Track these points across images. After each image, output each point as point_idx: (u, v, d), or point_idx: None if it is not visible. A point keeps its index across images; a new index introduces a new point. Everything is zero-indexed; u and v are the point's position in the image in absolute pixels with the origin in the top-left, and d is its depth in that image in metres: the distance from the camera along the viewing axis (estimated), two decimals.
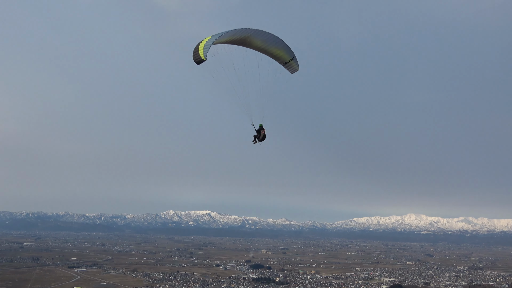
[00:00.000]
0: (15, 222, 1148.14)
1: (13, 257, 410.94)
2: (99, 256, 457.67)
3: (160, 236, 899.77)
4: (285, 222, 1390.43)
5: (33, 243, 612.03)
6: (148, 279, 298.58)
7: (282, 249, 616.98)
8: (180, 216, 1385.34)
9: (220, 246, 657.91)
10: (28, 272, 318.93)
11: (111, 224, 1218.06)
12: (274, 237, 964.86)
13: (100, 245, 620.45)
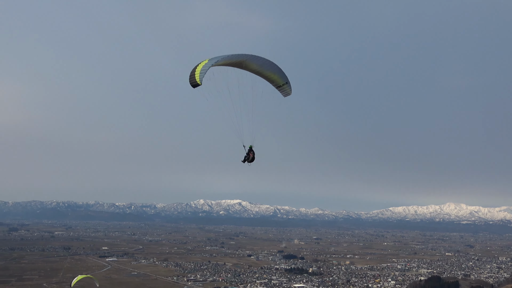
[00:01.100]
0: (45, 211, 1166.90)
1: (44, 246, 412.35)
2: (130, 245, 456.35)
3: (191, 226, 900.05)
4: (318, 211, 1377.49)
5: (64, 232, 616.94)
6: (179, 269, 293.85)
7: (315, 239, 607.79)
8: (210, 205, 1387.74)
9: (251, 236, 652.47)
10: (60, 261, 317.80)
11: (141, 214, 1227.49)
12: (307, 227, 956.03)
13: (131, 234, 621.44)
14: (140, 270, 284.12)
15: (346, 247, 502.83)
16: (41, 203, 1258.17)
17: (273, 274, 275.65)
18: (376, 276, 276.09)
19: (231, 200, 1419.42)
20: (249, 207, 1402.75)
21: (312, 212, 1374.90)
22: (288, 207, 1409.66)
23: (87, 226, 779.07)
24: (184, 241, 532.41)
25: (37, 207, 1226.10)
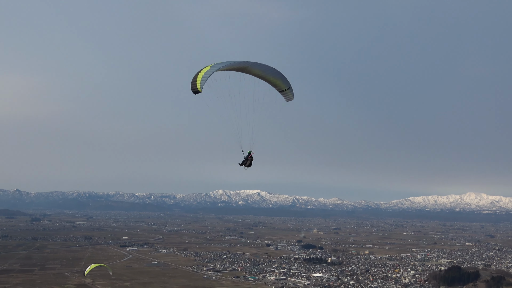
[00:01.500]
0: (67, 201, 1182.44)
1: (66, 236, 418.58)
2: (150, 235, 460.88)
3: (210, 216, 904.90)
4: (337, 201, 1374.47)
5: (85, 222, 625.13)
6: (199, 259, 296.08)
7: (334, 229, 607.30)
8: (229, 195, 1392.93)
9: (270, 226, 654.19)
10: (81, 251, 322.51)
11: (161, 204, 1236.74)
12: (325, 217, 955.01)
13: (151, 224, 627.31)
14: (160, 260, 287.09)
15: (365, 237, 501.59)
16: (62, 193, 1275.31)
17: (292, 264, 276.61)
18: (396, 266, 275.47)
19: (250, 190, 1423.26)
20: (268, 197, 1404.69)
21: (331, 202, 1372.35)
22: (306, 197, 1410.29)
23: (108, 216, 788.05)
24: (204, 231, 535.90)
25: (58, 198, 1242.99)
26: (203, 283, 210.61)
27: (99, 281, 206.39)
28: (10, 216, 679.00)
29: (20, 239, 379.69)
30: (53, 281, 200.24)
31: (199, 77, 37.80)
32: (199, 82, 37.62)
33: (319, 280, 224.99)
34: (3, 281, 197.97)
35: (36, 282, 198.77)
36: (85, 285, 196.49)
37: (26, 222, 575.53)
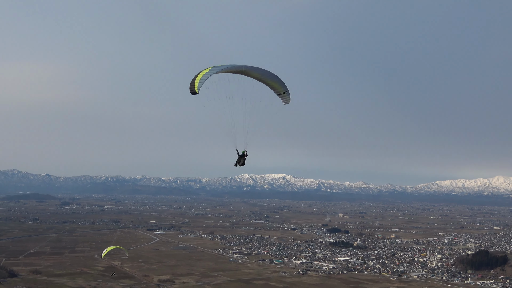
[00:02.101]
0: (95, 185, 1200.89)
1: (94, 219, 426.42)
2: (176, 219, 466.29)
3: (235, 200, 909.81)
4: (362, 185, 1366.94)
5: (113, 206, 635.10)
6: (225, 242, 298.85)
7: (360, 213, 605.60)
8: (255, 179, 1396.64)
9: (295, 210, 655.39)
10: (110, 234, 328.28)
11: (187, 188, 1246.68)
12: (351, 201, 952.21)
13: (177, 208, 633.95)
14: (187, 243, 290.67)
15: (391, 221, 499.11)
16: (90, 178, 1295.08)
17: (317, 248, 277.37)
18: (422, 250, 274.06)
19: (275, 174, 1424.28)
20: (293, 181, 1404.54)
21: (357, 186, 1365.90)
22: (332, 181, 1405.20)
23: (135, 200, 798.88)
24: (229, 214, 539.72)
25: (87, 182, 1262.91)
26: (229, 266, 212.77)
27: (127, 264, 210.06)
28: (40, 200, 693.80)
29: (50, 223, 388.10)
30: (82, 263, 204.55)
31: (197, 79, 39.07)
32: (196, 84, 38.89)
33: (345, 263, 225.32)
34: (35, 263, 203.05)
35: (66, 264, 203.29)
36: (113, 267, 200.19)
37: (56, 206, 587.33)
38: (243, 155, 46.07)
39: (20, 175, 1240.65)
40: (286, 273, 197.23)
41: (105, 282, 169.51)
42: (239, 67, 41.37)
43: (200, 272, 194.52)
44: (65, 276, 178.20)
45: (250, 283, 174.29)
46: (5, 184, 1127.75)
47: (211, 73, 39.71)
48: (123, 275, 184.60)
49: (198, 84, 39.25)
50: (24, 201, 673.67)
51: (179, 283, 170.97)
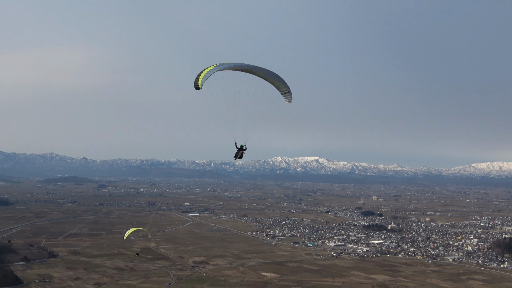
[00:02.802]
0: (130, 169, 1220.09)
1: (130, 202, 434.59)
2: (210, 201, 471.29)
3: (269, 183, 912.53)
4: (397, 168, 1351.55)
5: (148, 188, 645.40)
6: (258, 224, 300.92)
7: (394, 196, 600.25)
8: (288, 162, 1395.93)
9: (329, 193, 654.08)
10: (145, 216, 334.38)
11: (220, 171, 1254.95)
12: (385, 184, 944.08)
13: (211, 191, 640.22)
14: (221, 225, 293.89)
15: (426, 204, 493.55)
16: (126, 161, 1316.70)
17: (351, 231, 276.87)
18: (458, 233, 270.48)
19: (308, 157, 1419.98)
20: (326, 164, 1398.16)
21: (391, 169, 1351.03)
22: (366, 164, 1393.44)
23: (170, 183, 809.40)
24: (263, 197, 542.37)
25: (122, 165, 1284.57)
26: (262, 248, 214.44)
27: (163, 245, 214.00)
28: (78, 183, 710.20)
29: (88, 205, 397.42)
30: (119, 244, 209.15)
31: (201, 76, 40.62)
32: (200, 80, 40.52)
33: (379, 246, 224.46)
34: (74, 244, 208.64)
35: (103, 245, 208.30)
36: (149, 249, 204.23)
37: (93, 189, 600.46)
38: (242, 149, 47.68)
39: (58, 159, 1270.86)
40: (319, 255, 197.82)
41: (141, 263, 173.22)
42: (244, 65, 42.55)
43: (234, 254, 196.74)
44: (103, 257, 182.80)
45: (284, 265, 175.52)
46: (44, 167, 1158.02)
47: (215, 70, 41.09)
48: (158, 256, 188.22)
49: (201, 80, 40.70)
50: (62, 184, 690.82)
51: (213, 265, 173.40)
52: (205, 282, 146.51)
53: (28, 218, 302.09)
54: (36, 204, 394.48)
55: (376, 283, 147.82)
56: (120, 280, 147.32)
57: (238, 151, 48.02)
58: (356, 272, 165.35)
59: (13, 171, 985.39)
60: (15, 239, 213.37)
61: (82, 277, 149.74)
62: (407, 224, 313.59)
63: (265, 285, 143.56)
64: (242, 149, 47.88)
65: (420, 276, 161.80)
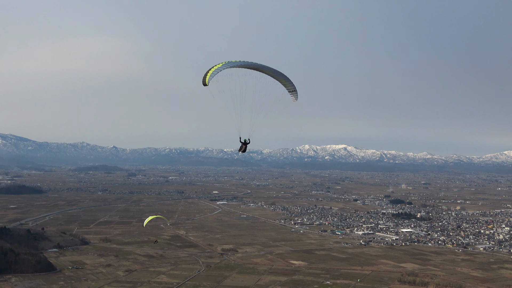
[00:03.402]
0: (159, 157, 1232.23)
1: (160, 190, 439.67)
2: (239, 189, 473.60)
3: (296, 171, 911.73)
4: (426, 156, 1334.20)
5: (177, 177, 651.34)
6: (286, 213, 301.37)
7: (424, 184, 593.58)
8: (315, 150, 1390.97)
9: (357, 181, 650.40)
10: (174, 204, 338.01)
11: (248, 159, 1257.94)
12: (414, 172, 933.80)
13: (239, 179, 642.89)
14: (249, 213, 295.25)
15: (457, 192, 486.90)
16: (155, 149, 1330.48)
17: (379, 219, 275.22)
18: (489, 222, 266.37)
19: (336, 145, 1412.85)
20: (355, 151, 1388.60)
21: (420, 157, 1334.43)
22: (395, 152, 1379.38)
23: (198, 171, 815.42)
24: (290, 185, 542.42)
25: (152, 154, 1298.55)
26: (291, 236, 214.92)
27: (192, 233, 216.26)
28: (108, 171, 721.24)
29: (118, 193, 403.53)
30: (149, 232, 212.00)
31: (209, 73, 41.97)
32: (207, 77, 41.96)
33: (408, 235, 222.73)
34: (105, 232, 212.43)
35: (134, 233, 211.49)
36: (178, 237, 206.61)
37: (123, 177, 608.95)
38: (245, 143, 49.17)
39: (89, 148, 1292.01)
40: (348, 244, 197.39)
41: (171, 251, 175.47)
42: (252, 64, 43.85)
43: (262, 242, 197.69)
44: (133, 244, 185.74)
45: (312, 253, 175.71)
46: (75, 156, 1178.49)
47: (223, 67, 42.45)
48: (188, 244, 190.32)
49: (209, 77, 42.13)
50: (93, 172, 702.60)
51: (242, 252, 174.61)
52: (233, 269, 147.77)
53: (60, 206, 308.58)
54: (68, 192, 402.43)
55: (405, 271, 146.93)
56: (150, 267, 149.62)
57: (242, 145, 49.47)
58: (385, 261, 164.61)
59: (46, 160, 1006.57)
60: (48, 227, 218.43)
61: (113, 264, 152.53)
62: (437, 212, 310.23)
63: (293, 273, 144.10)
64: (246, 143, 49.30)
65: (450, 265, 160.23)
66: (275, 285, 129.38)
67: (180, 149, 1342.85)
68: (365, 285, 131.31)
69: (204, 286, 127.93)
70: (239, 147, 49.76)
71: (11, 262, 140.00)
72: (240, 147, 49.73)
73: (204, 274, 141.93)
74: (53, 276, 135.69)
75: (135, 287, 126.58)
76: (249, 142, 49.33)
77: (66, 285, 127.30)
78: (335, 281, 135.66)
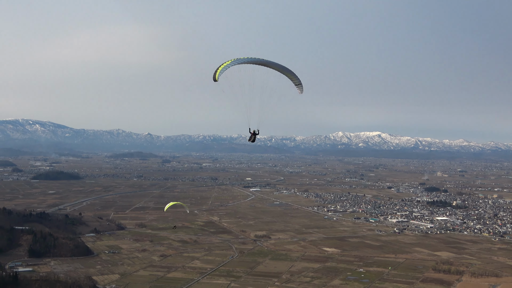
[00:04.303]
0: (193, 144, 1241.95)
1: (194, 176, 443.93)
2: (272, 176, 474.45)
3: (330, 158, 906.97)
4: (463, 143, 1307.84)
5: (210, 164, 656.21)
6: (319, 200, 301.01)
7: (460, 172, 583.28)
8: (349, 137, 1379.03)
9: (391, 168, 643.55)
10: (208, 191, 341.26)
11: (281, 146, 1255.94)
12: (450, 159, 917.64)
13: (272, 166, 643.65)
14: (282, 200, 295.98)
15: (494, 180, 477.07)
16: (189, 136, 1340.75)
17: (414, 207, 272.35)
18: None
19: (370, 132, 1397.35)
20: (389, 139, 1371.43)
21: (457, 144, 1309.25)
22: (430, 139, 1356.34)
23: (231, 158, 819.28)
24: (324, 172, 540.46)
25: (185, 141, 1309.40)
26: (324, 224, 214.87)
27: (225, 219, 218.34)
28: (143, 158, 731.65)
29: (153, 179, 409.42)
30: (183, 218, 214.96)
31: (219, 69, 44.84)
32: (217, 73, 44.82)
33: (443, 223, 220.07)
34: (140, 217, 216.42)
35: (168, 219, 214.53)
36: (212, 223, 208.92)
37: (158, 164, 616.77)
38: (255, 133, 51.91)
39: (124, 135, 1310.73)
40: (381, 231, 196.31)
41: (204, 236, 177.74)
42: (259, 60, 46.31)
43: (295, 229, 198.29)
44: (168, 230, 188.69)
45: (345, 241, 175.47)
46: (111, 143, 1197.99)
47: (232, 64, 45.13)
48: (221, 230, 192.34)
49: (219, 73, 44.94)
50: (128, 159, 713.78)
51: (274, 239, 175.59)
52: (266, 256, 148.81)
53: (97, 191, 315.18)
54: (104, 178, 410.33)
55: (440, 260, 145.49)
56: (184, 252, 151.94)
57: (252, 135, 52.09)
58: (419, 249, 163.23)
59: (82, 147, 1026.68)
60: (86, 212, 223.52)
61: (149, 248, 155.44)
62: (473, 200, 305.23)
63: (326, 260, 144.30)
64: (255, 133, 51.97)
65: (486, 253, 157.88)
66: (308, 272, 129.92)
67: (214, 136, 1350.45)
68: (399, 273, 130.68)
69: (238, 271, 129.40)
70: (248, 137, 52.48)
71: (50, 246, 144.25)
72: (249, 137, 52.45)
73: (237, 260, 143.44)
74: (90, 260, 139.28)
75: (170, 272, 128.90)
76: (258, 133, 51.85)
77: (103, 269, 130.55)
78: (368, 268, 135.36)
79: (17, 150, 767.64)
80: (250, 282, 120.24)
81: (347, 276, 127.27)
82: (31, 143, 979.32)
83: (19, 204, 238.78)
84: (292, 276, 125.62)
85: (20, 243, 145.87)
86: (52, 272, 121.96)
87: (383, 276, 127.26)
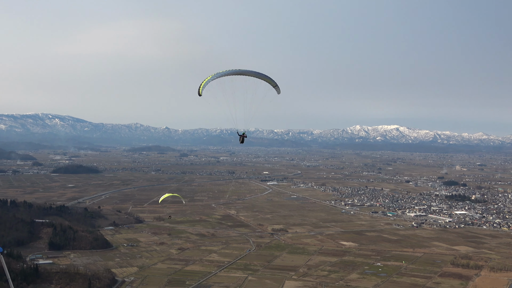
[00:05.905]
0: (211, 138, 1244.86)
1: (211, 170, 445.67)
2: (289, 170, 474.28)
3: (347, 151, 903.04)
4: (482, 136, 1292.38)
5: (228, 157, 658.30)
6: (337, 193, 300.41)
7: (479, 166, 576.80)
8: (367, 131, 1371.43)
9: (409, 162, 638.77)
10: (225, 184, 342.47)
11: (299, 140, 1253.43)
12: (469, 153, 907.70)
13: (289, 160, 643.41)
14: (299, 194, 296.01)
15: None
16: (206, 130, 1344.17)
17: (432, 201, 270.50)
18: None
19: (388, 126, 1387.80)
20: (407, 132, 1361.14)
21: (476, 137, 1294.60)
22: (449, 132, 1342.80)
23: (249, 152, 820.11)
24: (341, 166, 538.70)
25: (203, 134, 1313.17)
26: (341, 217, 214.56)
27: (243, 213, 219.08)
28: (161, 151, 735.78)
29: (171, 173, 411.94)
30: (201, 211, 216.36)
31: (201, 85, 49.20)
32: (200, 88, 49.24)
33: (462, 217, 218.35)
34: (158, 211, 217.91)
35: (186, 212, 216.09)
36: (229, 216, 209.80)
37: (176, 157, 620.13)
38: (243, 135, 55.42)
39: (142, 128, 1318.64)
40: (399, 225, 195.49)
41: (222, 230, 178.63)
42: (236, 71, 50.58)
43: (313, 223, 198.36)
44: (186, 223, 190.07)
45: (363, 235, 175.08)
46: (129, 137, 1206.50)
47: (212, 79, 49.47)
48: (238, 224, 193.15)
49: (202, 88, 49.28)
50: (146, 152, 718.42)
51: (292, 233, 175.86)
52: (284, 249, 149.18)
53: (115, 185, 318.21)
54: (122, 172, 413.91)
55: (458, 254, 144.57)
56: (202, 245, 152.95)
57: (240, 137, 55.46)
58: (437, 243, 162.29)
59: (101, 141, 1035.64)
60: (104, 205, 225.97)
61: (167, 242, 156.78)
62: (492, 194, 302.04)
63: (343, 254, 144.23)
64: (244, 135, 55.49)
65: (506, 248, 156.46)
66: (325, 266, 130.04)
67: (231, 129, 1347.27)
68: (417, 267, 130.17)
69: (255, 265, 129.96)
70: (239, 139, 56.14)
71: (70, 239, 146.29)
72: (239, 139, 55.99)
73: (254, 253, 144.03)
74: (109, 253, 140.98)
75: (188, 265, 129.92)
76: (246, 136, 55.75)
77: (122, 261, 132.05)
78: (386, 262, 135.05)
79: (37, 144, 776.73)
80: (267, 275, 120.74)
81: (365, 270, 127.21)
82: (51, 137, 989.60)
83: (39, 198, 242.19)
84: (309, 270, 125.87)
85: (41, 235, 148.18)
86: (72, 264, 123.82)
87: (400, 270, 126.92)
